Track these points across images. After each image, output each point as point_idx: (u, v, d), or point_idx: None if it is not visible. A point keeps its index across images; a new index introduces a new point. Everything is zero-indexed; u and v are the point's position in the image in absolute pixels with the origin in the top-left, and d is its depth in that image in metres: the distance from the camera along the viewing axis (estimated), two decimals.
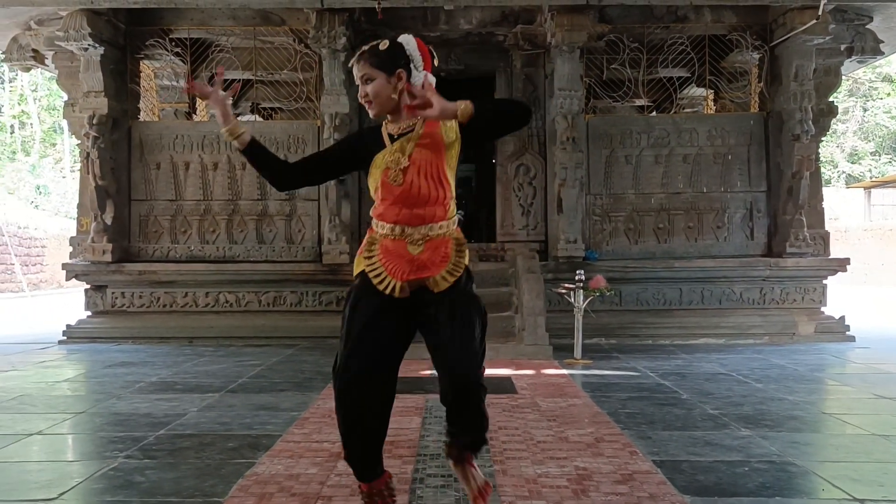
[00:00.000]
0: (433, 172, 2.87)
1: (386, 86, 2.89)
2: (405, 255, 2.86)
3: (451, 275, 2.88)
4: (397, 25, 9.52)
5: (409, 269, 2.85)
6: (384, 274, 2.88)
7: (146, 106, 10.00)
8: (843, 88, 31.72)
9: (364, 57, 2.90)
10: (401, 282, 2.85)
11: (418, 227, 2.87)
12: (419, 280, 2.86)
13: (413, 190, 2.85)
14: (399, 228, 2.87)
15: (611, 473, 3.61)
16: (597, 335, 8.85)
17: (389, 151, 2.88)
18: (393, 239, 2.88)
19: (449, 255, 2.90)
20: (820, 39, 8.96)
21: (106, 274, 9.19)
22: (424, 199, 2.86)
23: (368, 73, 2.88)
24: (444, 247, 2.90)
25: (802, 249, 9.15)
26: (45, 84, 34.34)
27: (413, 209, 2.86)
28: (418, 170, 2.85)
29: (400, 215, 2.87)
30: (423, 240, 2.87)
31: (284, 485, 3.44)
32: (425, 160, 2.86)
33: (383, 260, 2.89)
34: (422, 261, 2.86)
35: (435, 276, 2.86)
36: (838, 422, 4.91)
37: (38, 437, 4.47)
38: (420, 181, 2.85)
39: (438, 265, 2.87)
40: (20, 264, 22.40)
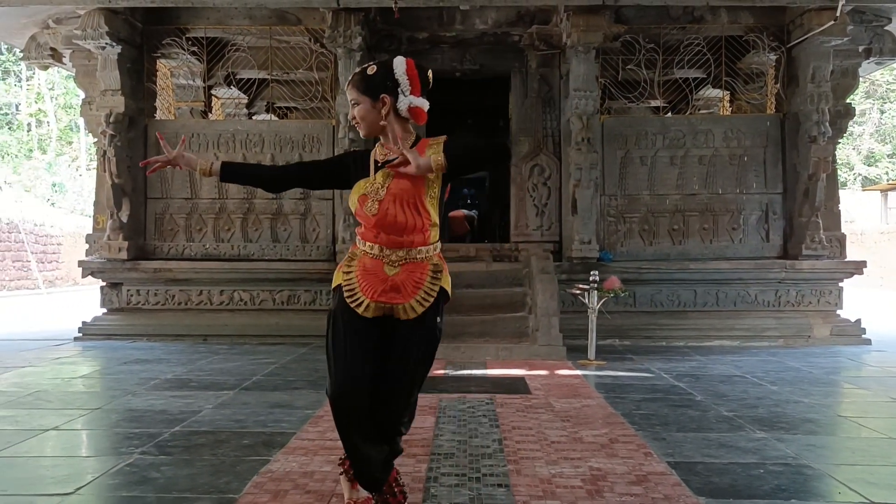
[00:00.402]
0: (411, 202, 2.89)
1: (371, 110, 2.94)
2: (380, 275, 2.91)
3: (420, 304, 2.92)
4: (413, 25, 9.55)
5: (381, 288, 2.90)
6: (357, 291, 2.92)
7: (162, 104, 10.04)
8: (861, 90, 31.52)
9: (353, 81, 2.97)
10: (371, 301, 2.89)
11: (395, 250, 2.91)
12: (389, 304, 2.90)
13: (388, 219, 2.89)
14: (378, 248, 2.93)
15: (625, 474, 3.60)
16: (611, 336, 8.83)
17: (369, 181, 2.93)
18: (372, 258, 2.94)
19: (422, 282, 2.94)
20: (838, 41, 8.91)
21: (121, 271, 9.24)
22: (401, 226, 2.90)
23: (355, 98, 2.95)
24: (419, 271, 2.94)
25: (818, 252, 9.09)
26: (63, 82, 34.54)
27: (393, 233, 2.90)
28: (395, 199, 2.88)
29: (379, 237, 2.92)
30: (400, 262, 2.92)
31: (299, 482, 3.45)
32: (403, 190, 2.89)
33: (359, 277, 2.94)
34: (395, 283, 2.91)
35: (404, 304, 2.90)
36: (854, 425, 4.88)
37: (54, 432, 4.50)
38: (396, 210, 2.88)
39: (410, 291, 2.91)
40: (36, 261, 22.55)
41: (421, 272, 2.94)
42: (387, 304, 2.89)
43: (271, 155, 9.45)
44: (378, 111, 2.92)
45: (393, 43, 9.68)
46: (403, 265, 2.92)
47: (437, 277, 2.96)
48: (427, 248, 2.95)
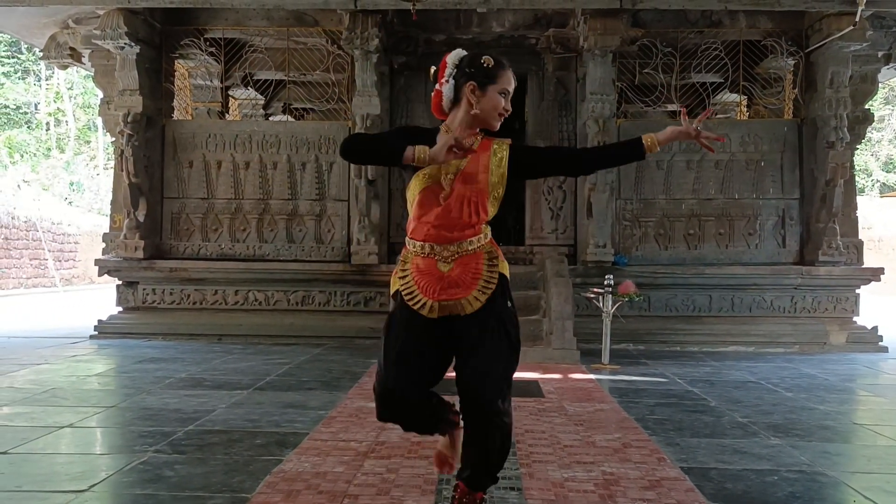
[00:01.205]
0: (473, 198, 2.85)
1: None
2: (435, 273, 2.84)
3: (482, 293, 2.85)
4: (431, 28, 9.56)
5: (439, 287, 2.82)
6: (416, 292, 2.85)
7: (180, 105, 10.10)
8: (880, 96, 31.30)
9: (510, 69, 2.92)
10: (432, 300, 2.82)
11: (446, 245, 2.84)
12: (451, 302, 2.82)
13: (452, 213, 2.83)
14: (428, 246, 2.85)
15: (638, 479, 3.59)
16: (625, 340, 8.80)
17: (444, 170, 2.85)
18: (423, 257, 2.87)
19: (480, 272, 2.86)
20: (857, 46, 8.85)
21: (137, 270, 9.29)
22: (460, 223, 2.84)
23: (511, 92, 2.92)
24: (474, 262, 2.87)
25: (835, 258, 9.03)
26: (81, 82, 34.77)
27: (443, 230, 2.84)
28: (459, 196, 2.84)
29: (429, 234, 2.84)
30: (453, 257, 2.85)
31: (311, 482, 3.46)
32: (468, 187, 2.85)
33: (416, 278, 2.86)
34: (452, 279, 2.83)
35: (466, 298, 2.83)
36: (870, 432, 4.84)
37: (69, 430, 4.53)
38: (457, 206, 2.84)
39: (469, 284, 2.84)
40: (53, 260, 22.72)
41: (476, 263, 2.87)
42: (449, 302, 2.82)
43: (287, 156, 9.49)
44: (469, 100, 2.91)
45: (410, 45, 9.70)
46: (457, 259, 2.85)
47: (494, 264, 2.89)
48: (478, 238, 2.88)
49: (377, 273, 9.09)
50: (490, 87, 2.87)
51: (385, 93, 9.55)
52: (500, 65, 2.91)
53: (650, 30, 9.40)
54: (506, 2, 8.73)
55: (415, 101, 9.93)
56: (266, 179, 9.55)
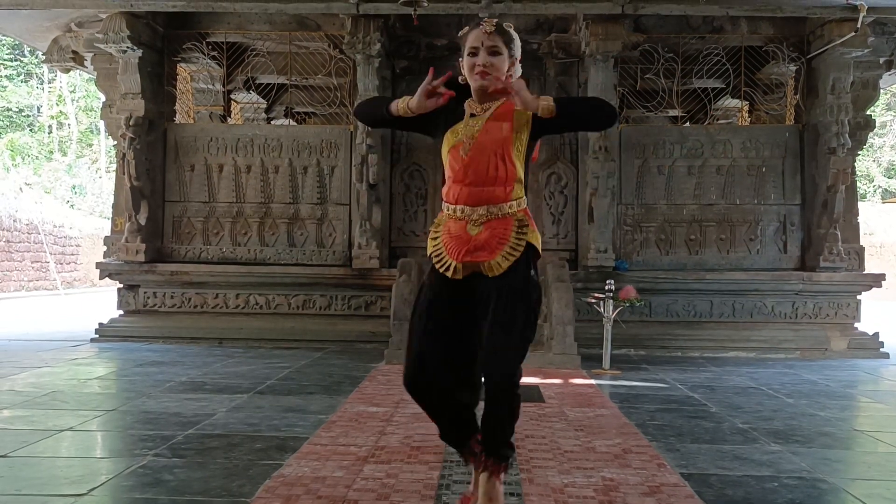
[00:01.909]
0: (498, 151, 2.89)
1: (504, 64, 2.95)
2: (464, 236, 2.90)
3: (505, 259, 2.88)
4: (432, 32, 9.57)
5: (464, 249, 2.89)
6: (444, 254, 2.93)
7: (182, 108, 10.11)
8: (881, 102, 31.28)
9: (497, 29, 2.94)
10: (456, 262, 2.89)
11: (476, 207, 2.90)
12: (474, 263, 2.88)
13: (478, 165, 2.88)
14: (460, 209, 2.92)
15: (638, 485, 3.58)
16: (626, 346, 8.80)
17: (465, 124, 2.94)
18: (455, 220, 2.94)
19: (507, 238, 2.90)
20: (858, 52, 8.86)
21: (139, 274, 9.29)
22: (488, 177, 2.88)
23: (498, 47, 2.92)
24: (503, 227, 2.91)
25: (836, 264, 9.03)
26: (84, 85, 34.86)
27: (473, 187, 2.89)
28: (483, 146, 2.88)
29: (461, 194, 2.91)
30: (482, 220, 2.90)
31: (311, 487, 3.46)
32: (493, 138, 2.89)
33: (445, 240, 2.95)
34: (479, 242, 2.89)
35: (489, 261, 2.87)
36: (871, 439, 4.84)
37: (69, 433, 4.53)
38: (484, 157, 2.88)
39: (495, 248, 2.88)
40: (55, 262, 22.74)
41: (505, 228, 2.91)
42: (473, 263, 2.88)
43: (289, 160, 9.50)
44: (507, 68, 2.94)
45: (412, 49, 9.70)
46: (486, 223, 2.90)
47: (523, 232, 2.93)
48: (510, 204, 2.92)
49: (378, 277, 9.09)
50: (464, 53, 2.99)
51: (387, 97, 9.54)
52: (470, 28, 3.00)
53: (652, 35, 9.41)
54: (507, 7, 8.74)
55: None
56: (267, 183, 9.55)
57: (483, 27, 2.93)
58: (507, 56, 2.94)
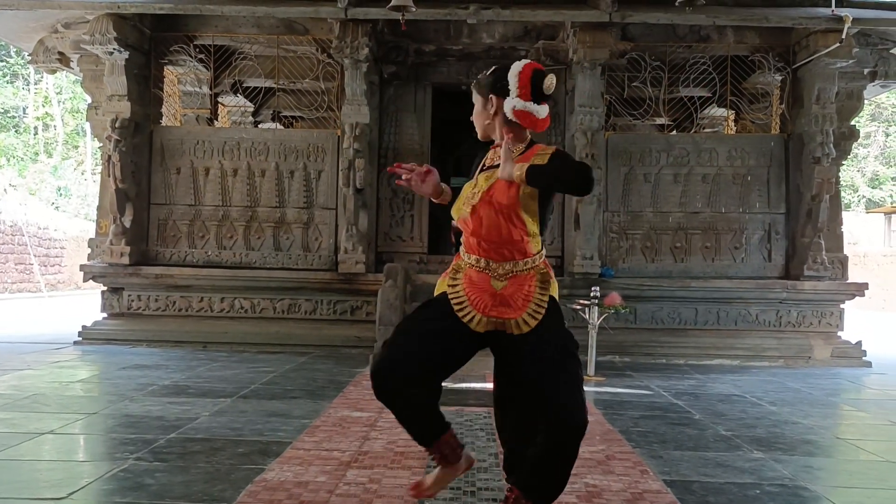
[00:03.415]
0: (504, 211, 2.86)
1: (482, 111, 2.98)
2: (488, 290, 2.88)
3: (532, 318, 2.86)
4: (421, 38, 9.58)
5: (491, 303, 2.86)
6: (466, 304, 2.88)
7: (168, 111, 10.07)
8: (866, 113, 31.56)
9: (474, 83, 3.02)
10: (481, 315, 2.86)
11: (502, 263, 2.89)
12: (499, 319, 2.86)
13: (485, 224, 2.87)
14: (484, 262, 2.90)
15: (620, 491, 3.58)
16: (611, 352, 8.81)
17: (471, 184, 2.95)
18: (478, 271, 2.91)
19: (531, 295, 2.88)
20: (843, 63, 8.92)
21: (123, 276, 9.24)
22: (498, 237, 2.87)
23: (474, 98, 3.01)
24: (527, 284, 2.89)
25: (820, 273, 9.08)
26: (70, 87, 34.68)
27: (492, 244, 2.88)
28: (490, 205, 2.87)
29: (482, 249, 2.90)
30: (507, 276, 2.88)
31: (293, 492, 3.44)
32: (498, 198, 2.86)
33: (467, 290, 2.90)
34: (504, 297, 2.86)
35: (516, 319, 2.85)
36: (853, 447, 4.86)
37: (50, 436, 4.49)
38: (492, 217, 2.86)
39: (521, 306, 2.86)
40: (39, 265, 22.58)
41: (529, 284, 2.89)
42: (498, 319, 2.86)
43: (275, 164, 9.48)
44: (487, 112, 2.96)
45: (400, 55, 9.71)
46: (511, 278, 2.88)
47: (546, 287, 2.92)
48: (533, 259, 2.91)
49: (364, 282, 9.07)
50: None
51: (374, 102, 9.55)
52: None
53: (639, 43, 9.44)
54: (496, 13, 8.77)
55: (404, 111, 9.94)
56: (254, 187, 9.52)
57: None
58: (482, 101, 2.96)
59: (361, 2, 8.75)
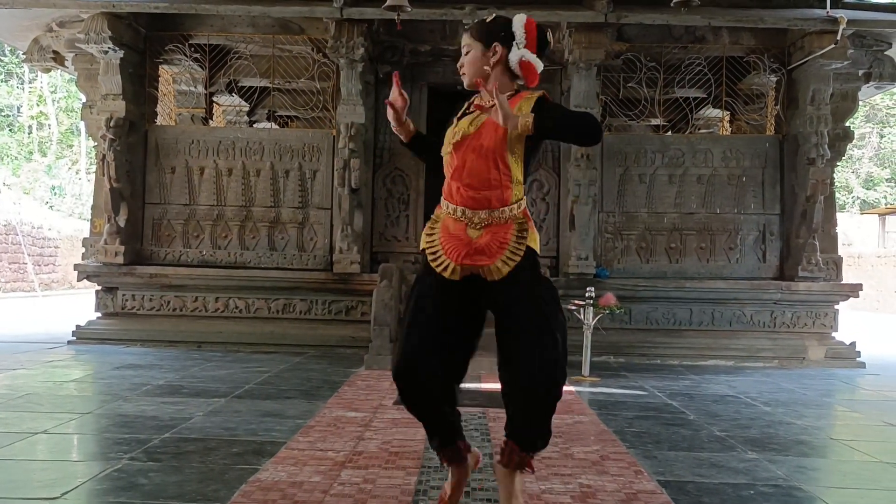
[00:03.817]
0: (490, 154, 2.85)
1: (480, 57, 2.93)
2: (463, 238, 2.87)
3: (505, 264, 2.85)
4: (416, 38, 9.58)
5: (464, 252, 2.85)
6: (440, 253, 2.89)
7: (163, 110, 10.05)
8: (860, 114, 31.65)
9: (469, 28, 2.98)
10: (455, 264, 2.85)
11: (478, 210, 2.87)
12: (474, 266, 2.85)
13: (467, 167, 2.87)
14: (461, 210, 2.89)
15: (615, 492, 3.58)
16: (605, 353, 8.82)
17: (456, 125, 2.95)
18: (455, 220, 2.90)
19: (507, 242, 2.87)
20: (838, 64, 8.94)
21: (117, 276, 9.22)
22: (481, 180, 2.85)
23: (468, 44, 2.95)
24: (504, 232, 2.88)
25: (814, 274, 9.10)
26: (65, 86, 34.62)
27: (472, 190, 2.86)
28: (475, 149, 2.87)
29: (460, 196, 2.88)
30: (483, 224, 2.87)
31: (287, 492, 3.43)
32: (485, 141, 2.86)
33: (442, 239, 2.90)
34: (479, 246, 2.86)
35: (489, 266, 2.85)
36: (846, 448, 4.87)
37: (44, 436, 4.48)
38: (475, 160, 2.86)
39: (495, 252, 2.85)
40: (33, 264, 22.52)
41: (505, 232, 2.88)
42: (472, 266, 2.85)
43: (271, 163, 9.46)
44: (486, 59, 2.91)
45: (395, 54, 9.70)
46: (487, 227, 2.87)
47: (523, 236, 2.90)
48: (511, 207, 2.89)
49: (359, 282, 9.07)
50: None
51: (370, 102, 9.53)
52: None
53: (634, 44, 9.45)
54: (491, 14, 8.74)
55: None
56: (249, 186, 9.51)
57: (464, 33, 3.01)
58: (482, 48, 2.93)
59: (357, 1, 8.75)
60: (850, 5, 9.36)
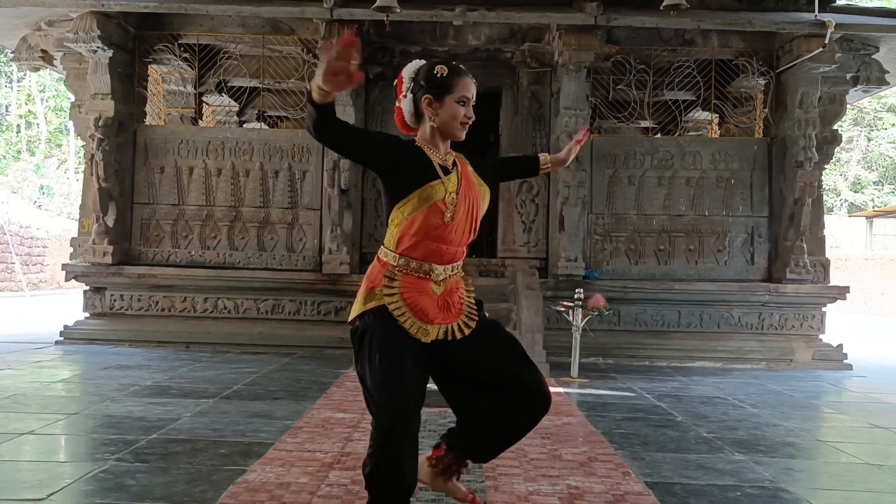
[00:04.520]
0: (473, 214, 2.81)
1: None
2: (431, 296, 2.75)
3: (470, 319, 2.86)
4: (407, 39, 9.58)
5: (435, 311, 2.75)
6: (408, 314, 2.71)
7: (152, 110, 10.02)
8: (848, 117, 31.79)
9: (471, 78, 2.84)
10: (428, 324, 2.73)
11: (445, 265, 2.79)
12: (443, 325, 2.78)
13: (457, 231, 2.76)
14: (427, 266, 2.75)
15: (603, 493, 3.59)
16: (594, 354, 8.83)
17: (444, 184, 2.74)
18: (418, 277, 2.75)
19: (464, 297, 2.87)
20: (826, 68, 8.98)
21: (105, 276, 9.19)
22: (460, 240, 2.80)
23: (473, 98, 2.87)
24: (459, 288, 2.87)
25: (802, 276, 9.14)
26: (53, 85, 34.45)
27: (451, 247, 2.77)
28: (465, 210, 2.77)
29: (429, 253, 2.74)
30: (445, 279, 2.80)
31: (275, 493, 3.43)
32: (469, 202, 2.80)
33: (407, 298, 2.72)
34: (444, 302, 2.78)
35: (457, 323, 2.81)
36: (833, 450, 4.90)
37: (31, 436, 4.46)
38: (465, 221, 2.79)
39: (458, 310, 2.83)
40: (21, 264, 22.40)
41: (459, 287, 2.86)
42: (442, 325, 2.77)
43: (260, 164, 9.45)
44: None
45: (386, 55, 9.69)
46: (447, 282, 2.80)
47: (471, 290, 2.93)
48: (461, 262, 2.89)
49: (348, 283, 9.06)
50: (447, 97, 2.80)
51: (360, 103, 9.53)
52: (456, 72, 2.83)
53: (624, 46, 9.48)
54: (482, 15, 8.78)
55: (389, 112, 9.90)
56: (238, 187, 9.49)
57: (473, 81, 2.84)
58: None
59: (347, 2, 8.75)
60: (839, 9, 9.42)
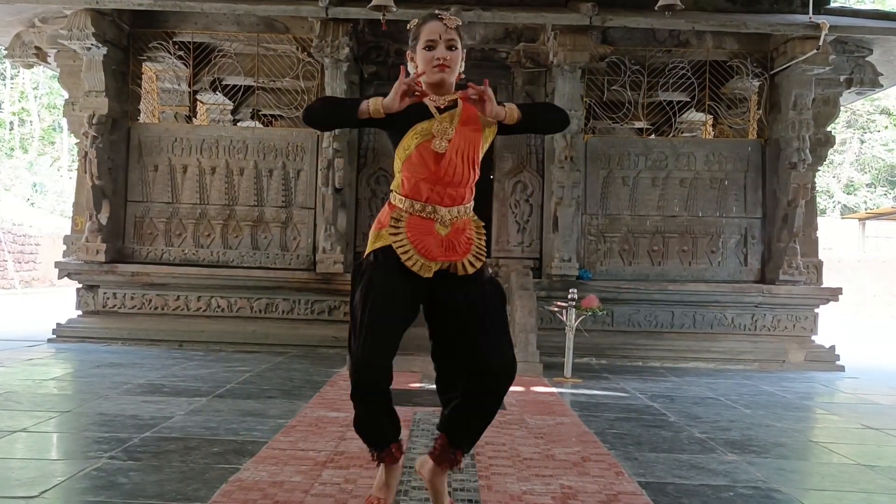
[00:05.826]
0: (469, 153, 2.91)
1: (459, 59, 2.95)
2: (434, 235, 2.89)
3: (477, 259, 2.94)
4: (401, 38, 9.53)
5: (438, 249, 2.88)
6: (412, 251, 2.87)
7: (146, 108, 10.00)
8: (842, 119, 31.86)
9: (453, 24, 2.90)
10: (431, 261, 2.87)
11: (449, 207, 2.91)
12: (447, 262, 2.90)
13: (450, 167, 2.87)
14: (431, 207, 2.90)
15: (596, 493, 3.60)
16: (587, 355, 8.84)
17: (438, 120, 2.90)
18: (422, 217, 2.90)
19: (472, 239, 2.96)
20: (820, 69, 9.00)
21: (98, 274, 9.16)
22: (458, 179, 2.90)
23: (455, 41, 2.91)
24: (467, 229, 2.96)
25: (795, 277, 9.16)
26: (47, 82, 34.33)
27: (447, 188, 2.89)
28: (456, 148, 2.88)
29: (433, 194, 2.89)
30: (452, 221, 2.92)
31: (268, 492, 3.43)
32: (464, 140, 2.90)
33: (411, 237, 2.88)
34: (449, 242, 2.90)
35: (462, 261, 2.91)
36: (825, 450, 4.91)
37: (23, 434, 4.45)
38: (456, 159, 2.88)
39: (464, 248, 2.92)
40: (13, 261, 22.32)
41: (469, 229, 2.97)
42: (446, 262, 2.89)
43: (254, 162, 9.44)
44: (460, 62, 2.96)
45: (380, 54, 9.70)
46: (454, 223, 2.92)
47: (481, 235, 3.00)
48: (470, 205, 2.98)
49: (342, 282, 9.04)
50: (417, 46, 2.94)
51: None
52: (423, 20, 2.94)
53: (619, 47, 9.49)
54: (477, 15, 8.78)
55: None
56: (232, 185, 9.47)
57: (444, 21, 2.89)
58: (461, 51, 2.95)
59: (342, 1, 8.74)
60: (833, 11, 9.45)
